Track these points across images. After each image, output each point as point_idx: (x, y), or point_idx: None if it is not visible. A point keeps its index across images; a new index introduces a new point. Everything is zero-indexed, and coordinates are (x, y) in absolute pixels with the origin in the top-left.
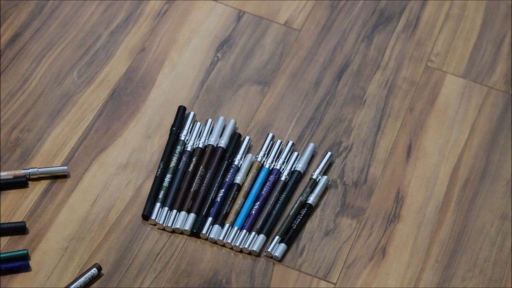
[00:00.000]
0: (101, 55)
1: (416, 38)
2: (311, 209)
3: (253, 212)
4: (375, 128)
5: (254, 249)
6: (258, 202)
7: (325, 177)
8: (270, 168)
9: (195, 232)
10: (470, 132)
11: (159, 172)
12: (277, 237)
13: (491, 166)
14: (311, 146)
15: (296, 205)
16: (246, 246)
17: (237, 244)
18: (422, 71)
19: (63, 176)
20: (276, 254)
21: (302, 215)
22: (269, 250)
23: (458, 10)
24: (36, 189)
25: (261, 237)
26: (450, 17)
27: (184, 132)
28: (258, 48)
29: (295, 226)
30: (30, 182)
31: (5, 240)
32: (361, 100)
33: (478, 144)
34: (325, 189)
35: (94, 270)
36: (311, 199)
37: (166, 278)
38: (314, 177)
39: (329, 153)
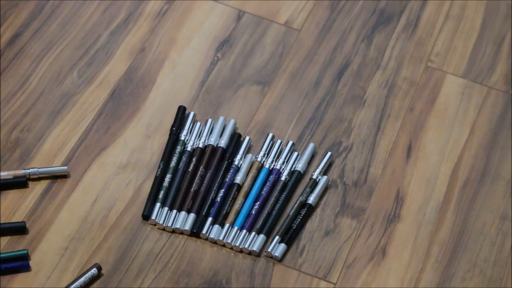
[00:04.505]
0: (101, 55)
1: (416, 38)
2: (311, 209)
3: (253, 212)
4: (375, 128)
5: (254, 249)
6: (258, 202)
7: (325, 177)
8: (270, 168)
9: (195, 232)
10: (470, 132)
11: (159, 172)
12: (277, 237)
13: (491, 166)
14: (311, 146)
15: (296, 205)
16: (246, 246)
17: (237, 244)
18: (422, 71)
19: (63, 176)
20: (276, 254)
21: (302, 215)
22: (269, 250)
23: (458, 10)
24: (36, 189)
25: (261, 237)
26: (450, 17)
27: (184, 132)
28: (258, 48)
29: (295, 226)
30: (30, 182)
31: (5, 240)
32: (361, 100)
33: (478, 144)
34: (325, 189)
35: (94, 270)
36: (311, 199)
37: (166, 278)
38: (314, 177)
39: (329, 153)
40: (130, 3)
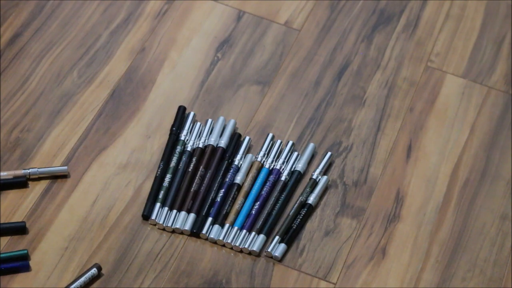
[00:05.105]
0: (101, 55)
1: (416, 38)
2: (311, 209)
3: (253, 212)
4: (375, 128)
5: (254, 249)
6: (258, 202)
7: (325, 177)
8: (270, 168)
9: (195, 232)
10: (470, 132)
11: (159, 172)
12: (277, 237)
13: (491, 166)
14: (311, 146)
15: (296, 205)
16: (246, 246)
17: (237, 244)
18: (422, 71)
19: (63, 176)
20: (276, 254)
21: (302, 215)
22: (269, 250)
23: (458, 10)
24: (36, 189)
25: (261, 237)
26: (450, 17)
27: (184, 132)
28: (258, 48)
29: (295, 226)
30: (30, 182)
31: (5, 240)
32: (361, 100)
33: (478, 144)
34: (325, 189)
35: (94, 270)
36: (311, 199)
37: (166, 278)
38: (314, 177)
39: (329, 153)
40: (130, 3)
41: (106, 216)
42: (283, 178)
